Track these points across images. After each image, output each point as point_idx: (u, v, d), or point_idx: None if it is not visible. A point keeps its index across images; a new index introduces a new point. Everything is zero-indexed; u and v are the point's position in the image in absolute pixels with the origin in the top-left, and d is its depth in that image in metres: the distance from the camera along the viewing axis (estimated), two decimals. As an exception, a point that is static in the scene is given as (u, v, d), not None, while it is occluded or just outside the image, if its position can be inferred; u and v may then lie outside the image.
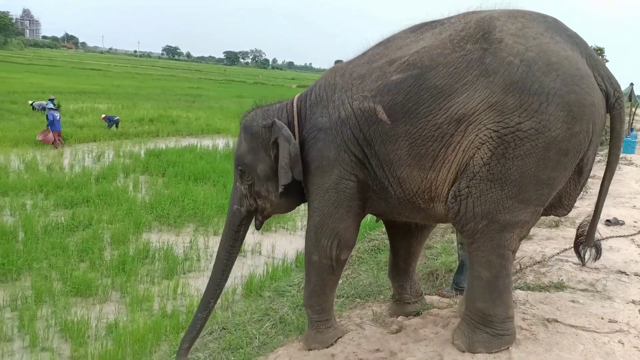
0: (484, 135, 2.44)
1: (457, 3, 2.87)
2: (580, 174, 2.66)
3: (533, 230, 4.98)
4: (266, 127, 3.07)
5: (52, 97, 16.15)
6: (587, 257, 3.07)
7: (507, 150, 2.41)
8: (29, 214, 7.30)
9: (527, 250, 4.51)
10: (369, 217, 3.41)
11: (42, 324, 4.64)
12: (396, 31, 2.93)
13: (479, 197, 2.51)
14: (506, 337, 2.67)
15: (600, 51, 17.72)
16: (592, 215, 2.91)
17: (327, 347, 3.25)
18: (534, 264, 4.14)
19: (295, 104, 3.11)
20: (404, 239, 3.44)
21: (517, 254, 4.41)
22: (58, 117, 12.95)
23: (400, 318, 3.43)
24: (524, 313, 3.12)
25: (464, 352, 2.70)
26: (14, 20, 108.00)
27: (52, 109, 13.58)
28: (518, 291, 3.52)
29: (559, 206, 2.82)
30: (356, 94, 2.78)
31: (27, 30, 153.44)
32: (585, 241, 3.01)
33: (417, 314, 3.47)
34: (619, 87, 2.60)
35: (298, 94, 3.21)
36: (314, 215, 3.03)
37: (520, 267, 4.09)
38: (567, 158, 2.45)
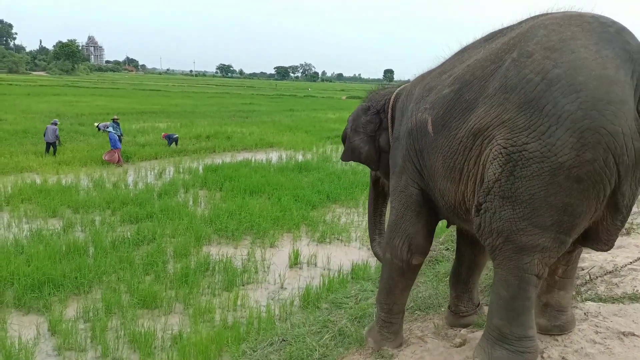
0: (496, 150, 2.37)
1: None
2: (616, 209, 2.39)
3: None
4: (363, 109, 3.67)
5: (115, 117, 16.97)
6: None
7: (515, 169, 2.31)
8: (98, 230, 7.70)
9: (596, 259, 4.28)
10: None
11: (112, 334, 4.86)
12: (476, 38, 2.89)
13: (494, 213, 2.44)
14: (527, 354, 2.57)
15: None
16: None
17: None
18: (605, 274, 3.92)
19: (392, 99, 3.47)
20: (470, 248, 3.45)
21: (586, 264, 4.21)
22: (116, 137, 13.71)
23: (463, 331, 3.35)
24: (597, 326, 2.96)
25: None
26: (80, 47, 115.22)
27: (110, 131, 14.35)
28: (589, 303, 3.35)
29: (597, 240, 2.59)
30: (422, 105, 2.86)
31: (92, 56, 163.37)
32: None
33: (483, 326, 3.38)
34: None
35: (399, 88, 3.52)
36: (392, 214, 3.21)
37: (590, 277, 3.89)
38: (581, 185, 2.23)
